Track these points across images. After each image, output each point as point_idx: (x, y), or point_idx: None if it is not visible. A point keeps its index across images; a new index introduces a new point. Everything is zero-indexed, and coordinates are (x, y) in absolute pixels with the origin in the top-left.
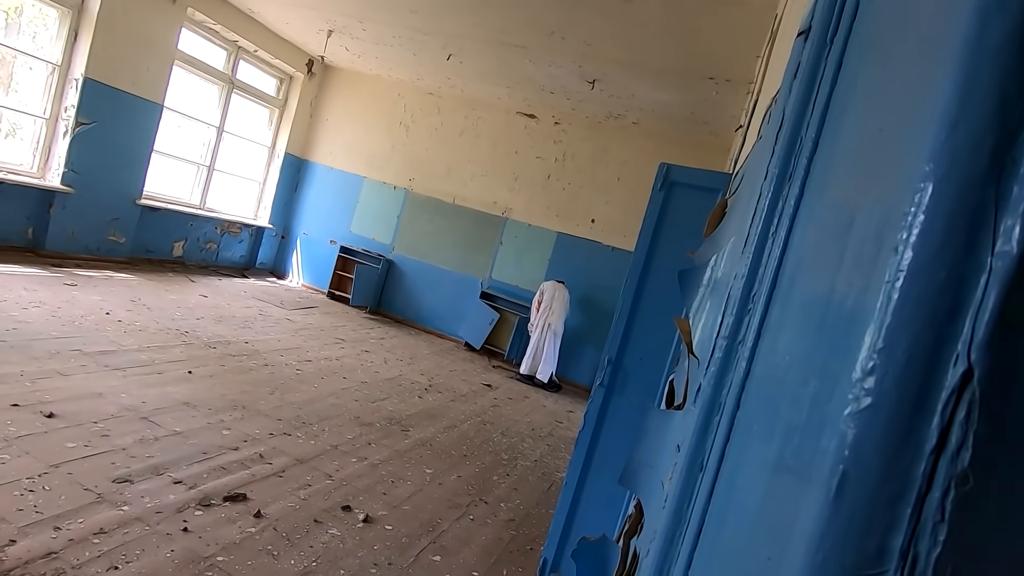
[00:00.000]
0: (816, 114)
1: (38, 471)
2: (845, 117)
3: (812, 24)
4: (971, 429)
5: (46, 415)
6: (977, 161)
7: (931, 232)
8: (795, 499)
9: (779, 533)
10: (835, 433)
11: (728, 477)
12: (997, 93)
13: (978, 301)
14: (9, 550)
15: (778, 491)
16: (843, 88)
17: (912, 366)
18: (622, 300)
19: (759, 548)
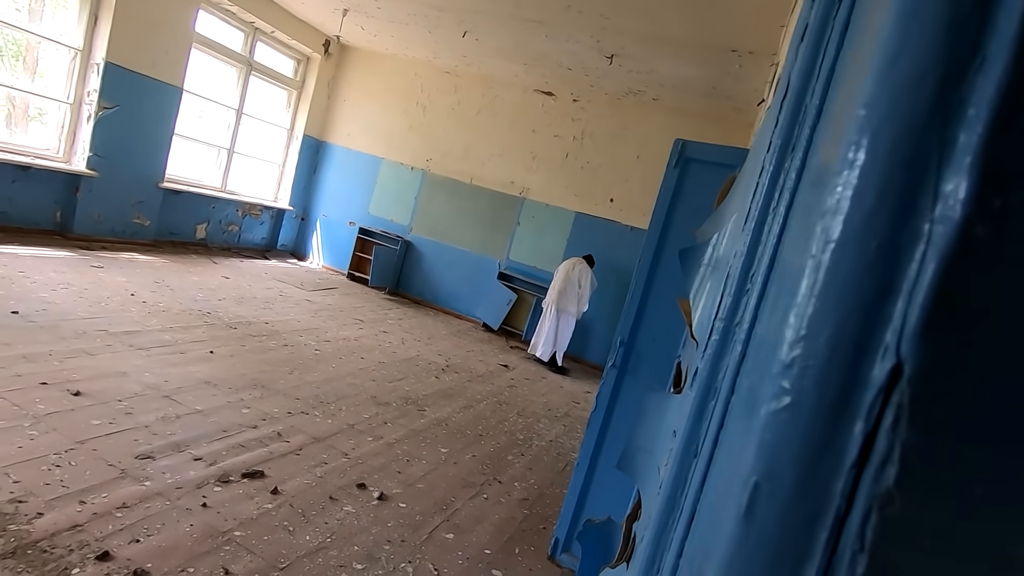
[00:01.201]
0: (821, 80)
1: (64, 447)
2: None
3: None
4: (899, 439)
5: (73, 393)
6: (916, 103)
7: (862, 194)
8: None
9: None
10: (753, 437)
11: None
12: (947, 12)
13: (912, 279)
14: (36, 522)
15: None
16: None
17: (835, 360)
18: (635, 280)
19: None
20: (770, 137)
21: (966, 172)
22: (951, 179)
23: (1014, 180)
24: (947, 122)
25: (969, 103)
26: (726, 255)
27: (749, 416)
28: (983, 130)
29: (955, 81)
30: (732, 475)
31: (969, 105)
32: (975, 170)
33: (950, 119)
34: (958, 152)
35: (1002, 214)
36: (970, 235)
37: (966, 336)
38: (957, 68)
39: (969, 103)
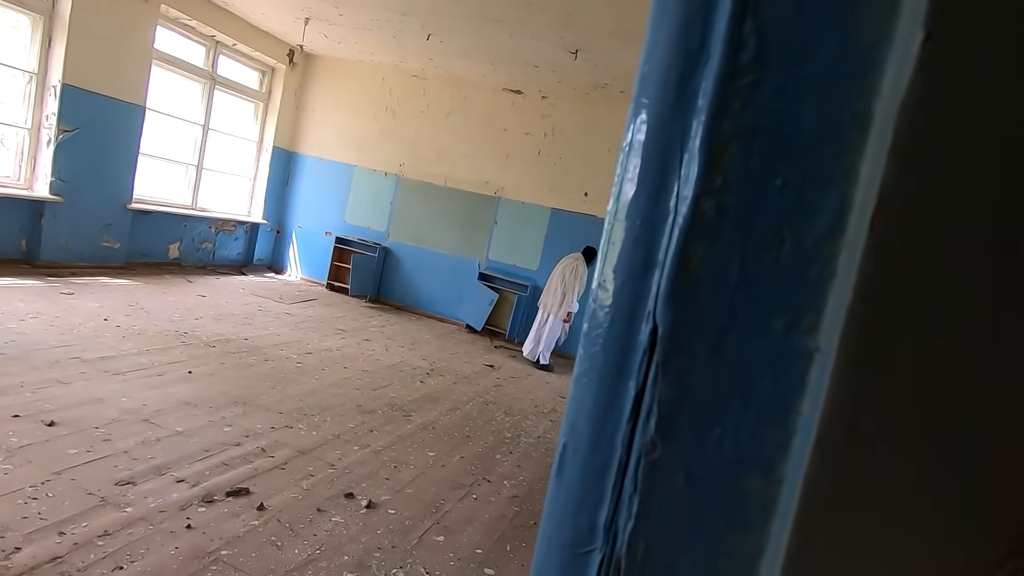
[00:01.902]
0: None
1: (41, 479)
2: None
3: None
4: (657, 393)
5: (47, 424)
6: (664, 94)
7: (629, 180)
8: None
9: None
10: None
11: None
12: (681, 15)
13: (665, 250)
14: (15, 557)
15: None
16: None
17: (614, 327)
18: None
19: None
20: None
21: (697, 154)
22: (689, 162)
23: (731, 161)
24: (686, 111)
25: (699, 94)
26: None
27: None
28: (707, 117)
29: (690, 75)
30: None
31: (699, 96)
32: (703, 153)
33: (688, 109)
34: (692, 137)
35: (722, 190)
36: (701, 210)
37: (697, 297)
38: (690, 64)
39: (699, 94)
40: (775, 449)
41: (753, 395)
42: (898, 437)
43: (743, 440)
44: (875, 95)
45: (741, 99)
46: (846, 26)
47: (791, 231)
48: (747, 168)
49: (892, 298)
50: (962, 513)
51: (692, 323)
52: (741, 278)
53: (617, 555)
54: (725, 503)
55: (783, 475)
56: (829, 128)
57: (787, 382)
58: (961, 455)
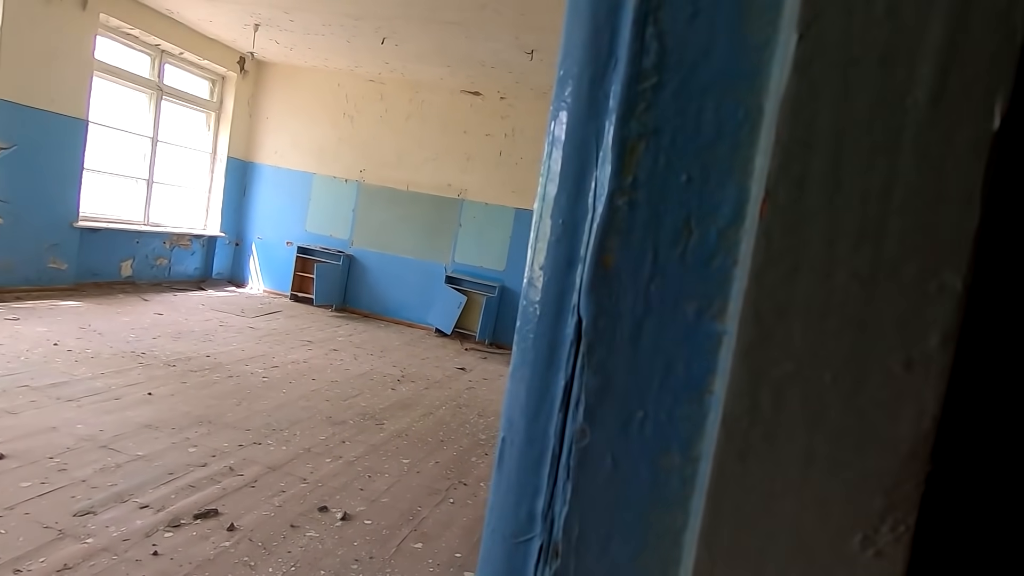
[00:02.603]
0: None
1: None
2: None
3: None
4: (584, 382)
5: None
6: (578, 98)
7: (553, 177)
8: None
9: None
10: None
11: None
12: (591, 22)
13: (585, 246)
14: None
15: None
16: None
17: (543, 321)
18: None
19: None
20: None
21: (610, 153)
22: (603, 160)
23: (639, 159)
24: (598, 113)
25: (610, 96)
26: None
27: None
28: (616, 118)
29: (600, 79)
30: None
31: (610, 98)
32: (614, 153)
33: (599, 111)
34: (605, 137)
35: (633, 187)
36: (615, 207)
37: (615, 290)
38: (601, 68)
39: (610, 96)
40: (692, 428)
41: (670, 378)
42: (791, 410)
43: (663, 421)
44: (764, 94)
45: (646, 101)
46: (735, 30)
47: (697, 223)
48: (654, 166)
49: (779, 281)
50: (849, 474)
51: (612, 314)
52: (654, 269)
53: (554, 540)
54: (649, 482)
55: (700, 453)
56: (725, 126)
57: (700, 364)
58: (843, 422)
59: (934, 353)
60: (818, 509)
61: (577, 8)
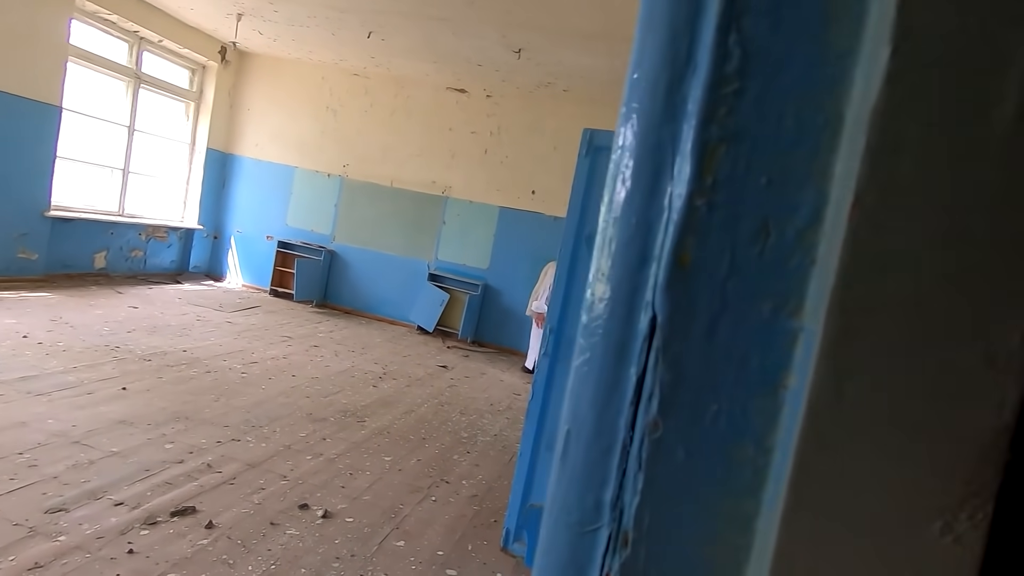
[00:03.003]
0: None
1: None
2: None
3: None
4: (658, 376)
5: None
6: (655, 101)
7: (623, 181)
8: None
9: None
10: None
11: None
12: (669, 28)
13: (660, 245)
14: None
15: None
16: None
17: (613, 317)
18: (558, 269)
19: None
20: None
21: (689, 156)
22: (680, 163)
23: (720, 162)
24: (676, 117)
25: (688, 100)
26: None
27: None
28: (696, 122)
29: (678, 83)
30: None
31: (688, 102)
32: (694, 155)
33: (677, 114)
34: (683, 140)
35: (713, 189)
36: (694, 207)
37: (692, 287)
38: (678, 73)
39: (688, 100)
40: (765, 421)
41: (744, 373)
42: (874, 403)
43: (736, 414)
44: (846, 101)
45: (727, 106)
46: (818, 39)
47: (775, 224)
48: (734, 168)
49: (867, 281)
50: (929, 464)
51: (688, 310)
52: (731, 268)
53: (624, 529)
54: (722, 473)
55: (773, 444)
56: (806, 131)
57: (774, 360)
58: (925, 415)
59: (1016, 350)
60: (899, 497)
61: (653, 16)
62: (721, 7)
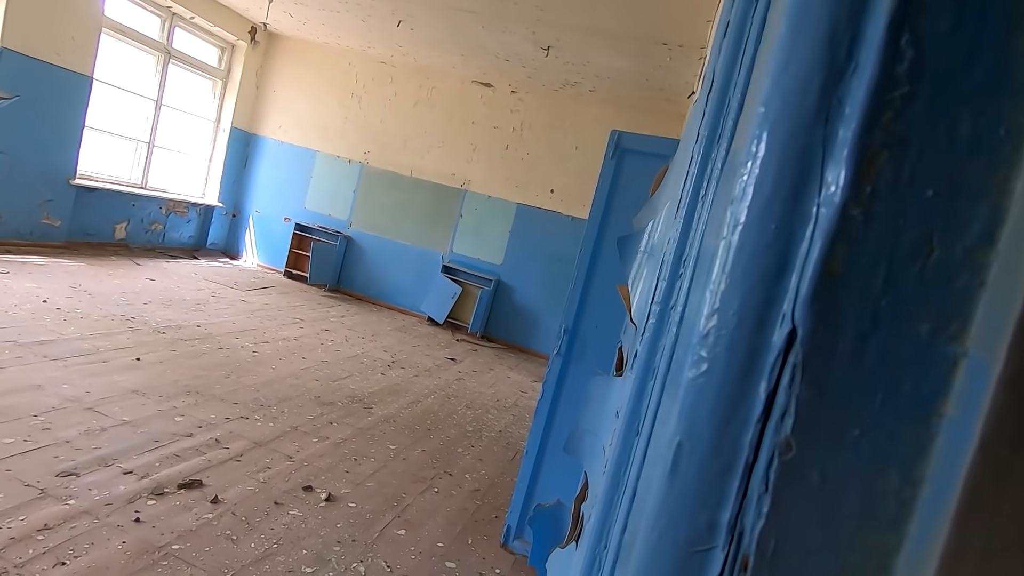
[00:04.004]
0: (743, 74)
1: None
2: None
3: None
4: (794, 394)
5: None
6: (805, 102)
7: (762, 183)
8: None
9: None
10: (676, 402)
11: (657, 440)
12: (828, 18)
13: (803, 255)
14: None
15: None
16: (765, 47)
17: (741, 328)
18: (577, 269)
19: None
20: (698, 128)
21: (844, 163)
22: (833, 169)
23: (880, 169)
24: (829, 119)
25: (846, 103)
26: (660, 241)
27: (674, 385)
28: (856, 126)
29: (834, 84)
30: (661, 441)
31: (846, 105)
32: (851, 161)
33: (831, 117)
34: (838, 145)
35: (871, 198)
36: (848, 216)
37: (840, 302)
38: (836, 72)
39: (846, 103)
40: (914, 450)
41: (894, 398)
42: None
43: (881, 441)
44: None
45: (894, 110)
46: (1003, 42)
47: (940, 240)
48: (897, 177)
49: None
50: None
51: (834, 325)
52: (886, 283)
53: (744, 552)
54: (861, 502)
55: (923, 476)
56: (983, 142)
57: (930, 385)
58: None
59: None
60: None
61: (808, 11)
62: (893, 4)
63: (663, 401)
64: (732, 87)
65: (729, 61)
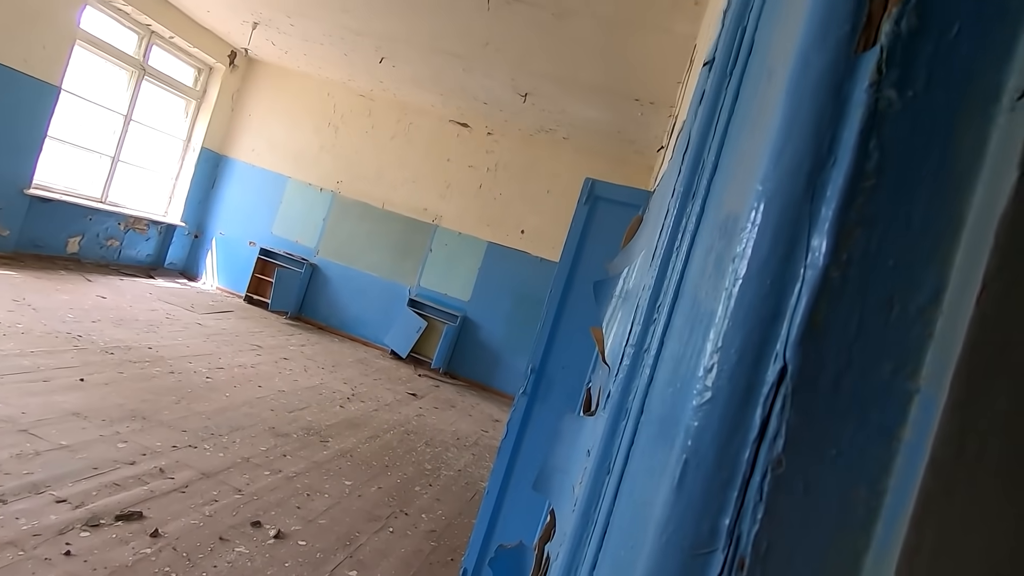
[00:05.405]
0: (716, 138)
1: None
2: (738, 142)
3: (715, 56)
4: (785, 419)
5: None
6: (796, 184)
7: (760, 246)
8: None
9: (645, 523)
10: (682, 426)
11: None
12: (814, 122)
13: (793, 306)
14: None
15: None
16: (739, 116)
17: (742, 364)
18: (546, 310)
19: (633, 539)
20: (674, 184)
21: (826, 234)
22: (817, 238)
23: (855, 241)
24: (814, 198)
25: (827, 187)
26: (635, 287)
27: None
28: (836, 206)
29: (819, 171)
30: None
31: (827, 189)
32: (832, 234)
33: (816, 196)
34: (821, 220)
35: (847, 264)
36: (829, 277)
37: (823, 345)
38: (820, 163)
39: (827, 187)
40: (879, 466)
41: (864, 424)
42: (993, 454)
43: (854, 458)
44: (967, 203)
45: (865, 196)
46: (948, 143)
47: (899, 300)
48: (867, 249)
49: (991, 353)
50: None
51: (817, 364)
52: (858, 332)
53: (740, 554)
54: (837, 509)
55: (886, 487)
56: (931, 223)
57: (892, 414)
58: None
59: None
60: (1015, 537)
61: (799, 111)
62: (864, 115)
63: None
64: (707, 150)
65: (704, 127)
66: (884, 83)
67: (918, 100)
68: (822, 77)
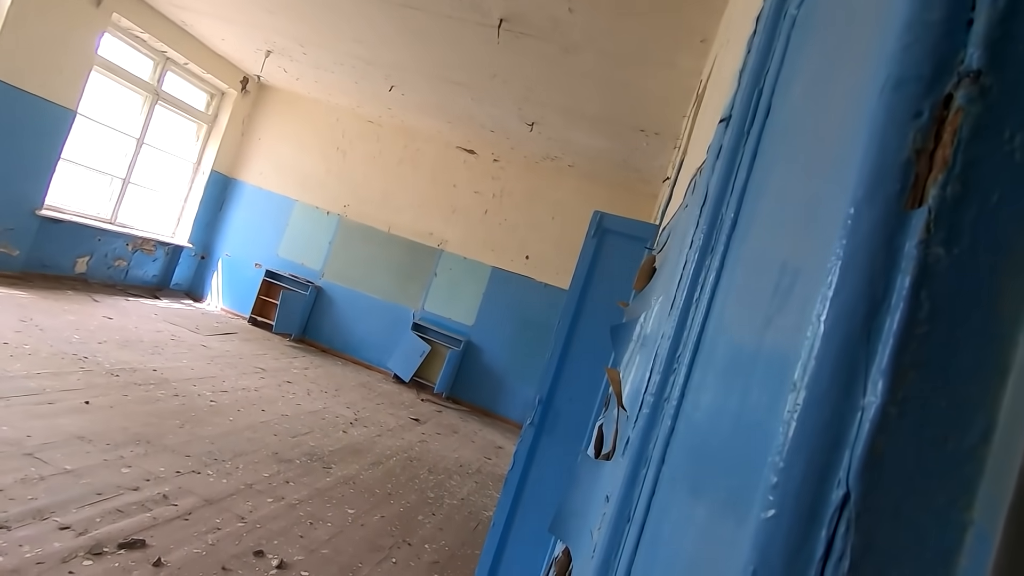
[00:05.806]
0: (735, 195)
1: None
2: (759, 203)
3: (732, 114)
4: (849, 541)
5: None
6: (851, 325)
7: (819, 378)
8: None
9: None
10: (748, 533)
11: (653, 529)
12: (867, 269)
13: (854, 437)
14: None
15: (704, 554)
16: (758, 175)
17: (806, 485)
18: (555, 341)
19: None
20: (691, 235)
21: (883, 373)
22: (875, 375)
23: (910, 382)
24: (871, 339)
25: (883, 330)
26: (653, 334)
27: (741, 518)
28: (892, 348)
29: (874, 315)
30: (725, 564)
31: (883, 330)
32: (888, 373)
33: (872, 338)
34: (878, 360)
35: (903, 401)
36: (887, 412)
37: (883, 474)
38: (874, 307)
39: (883, 330)
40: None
41: (921, 549)
42: None
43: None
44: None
45: (918, 341)
46: (990, 303)
47: (951, 438)
48: (921, 389)
49: None
50: None
51: (878, 491)
52: (915, 464)
53: None
54: None
55: None
56: (979, 370)
57: (948, 542)
58: None
59: None
60: None
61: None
62: (916, 268)
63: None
64: (725, 206)
65: (722, 182)
66: (932, 241)
67: (964, 259)
68: (875, 229)
